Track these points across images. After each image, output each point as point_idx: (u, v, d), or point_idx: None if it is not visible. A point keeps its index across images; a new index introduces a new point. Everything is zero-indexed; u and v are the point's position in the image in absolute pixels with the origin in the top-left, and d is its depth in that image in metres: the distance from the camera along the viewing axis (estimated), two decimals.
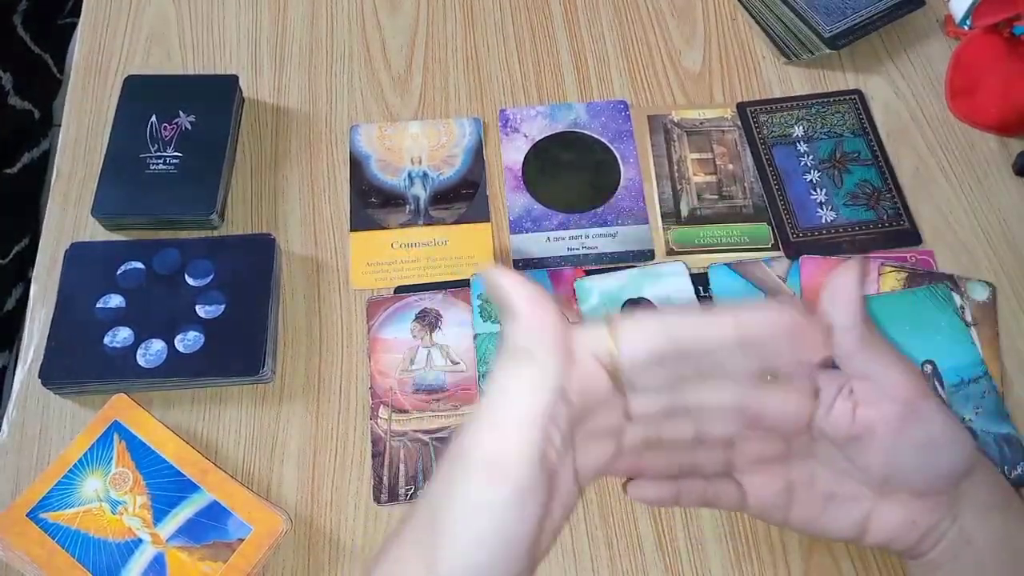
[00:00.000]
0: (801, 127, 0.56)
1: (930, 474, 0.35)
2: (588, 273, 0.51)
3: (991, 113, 0.56)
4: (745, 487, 0.38)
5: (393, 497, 0.44)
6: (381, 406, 0.47)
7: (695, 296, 0.49)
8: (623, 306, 0.49)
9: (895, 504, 0.36)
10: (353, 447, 0.46)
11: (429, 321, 0.49)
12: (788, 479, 0.37)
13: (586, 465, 0.32)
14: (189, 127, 0.53)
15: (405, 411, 0.47)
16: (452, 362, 0.48)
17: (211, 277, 0.48)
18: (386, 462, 0.45)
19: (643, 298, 0.49)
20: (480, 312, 0.49)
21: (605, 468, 0.33)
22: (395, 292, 0.51)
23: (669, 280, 0.50)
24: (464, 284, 0.50)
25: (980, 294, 0.49)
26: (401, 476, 0.45)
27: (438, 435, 0.46)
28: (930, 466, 0.35)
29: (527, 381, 0.28)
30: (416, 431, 0.46)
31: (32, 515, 0.42)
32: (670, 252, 0.52)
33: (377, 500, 0.45)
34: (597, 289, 0.50)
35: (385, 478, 0.45)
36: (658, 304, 0.49)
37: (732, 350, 0.29)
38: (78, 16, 0.62)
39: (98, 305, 0.47)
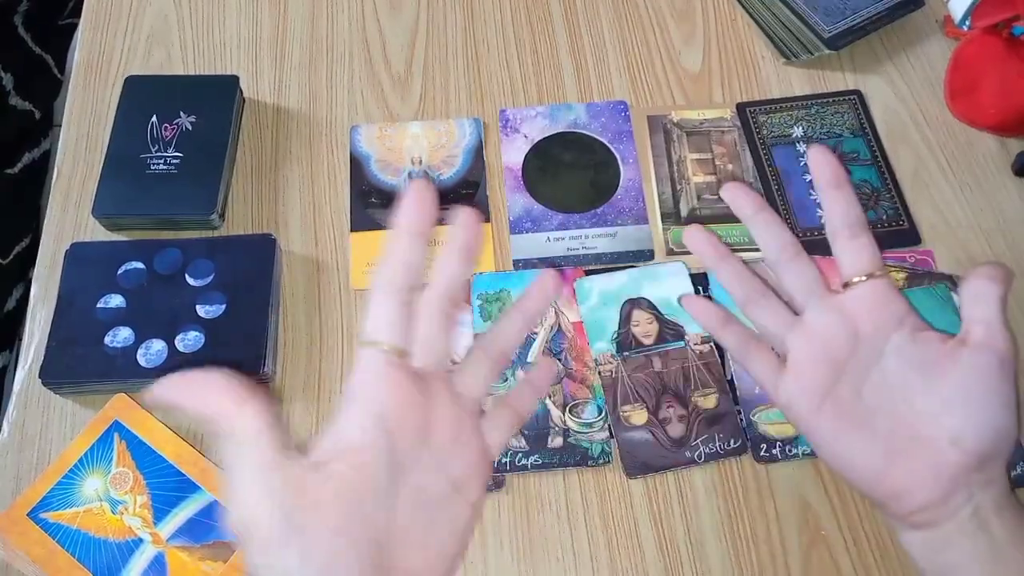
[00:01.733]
0: (800, 127, 0.56)
1: (980, 436, 0.34)
2: (588, 273, 0.51)
3: (990, 113, 0.56)
4: (791, 365, 0.36)
5: None
6: None
7: (695, 295, 0.49)
8: (623, 306, 0.49)
9: (926, 451, 0.34)
10: None
11: None
12: (836, 380, 0.35)
13: (463, 465, 0.33)
14: (190, 127, 0.53)
15: None
16: (452, 362, 0.48)
17: (211, 277, 0.49)
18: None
19: (643, 298, 0.49)
20: (480, 312, 0.49)
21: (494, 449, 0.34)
22: None
23: (669, 280, 0.50)
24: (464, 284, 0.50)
25: None
26: None
27: None
28: (987, 423, 0.34)
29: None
30: None
31: (33, 515, 0.42)
32: (670, 252, 0.52)
33: None
34: (597, 289, 0.50)
35: None
36: (657, 304, 0.49)
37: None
38: (79, 17, 0.62)
39: (99, 305, 0.48)
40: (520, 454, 0.45)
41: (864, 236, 0.37)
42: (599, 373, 0.47)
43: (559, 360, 0.48)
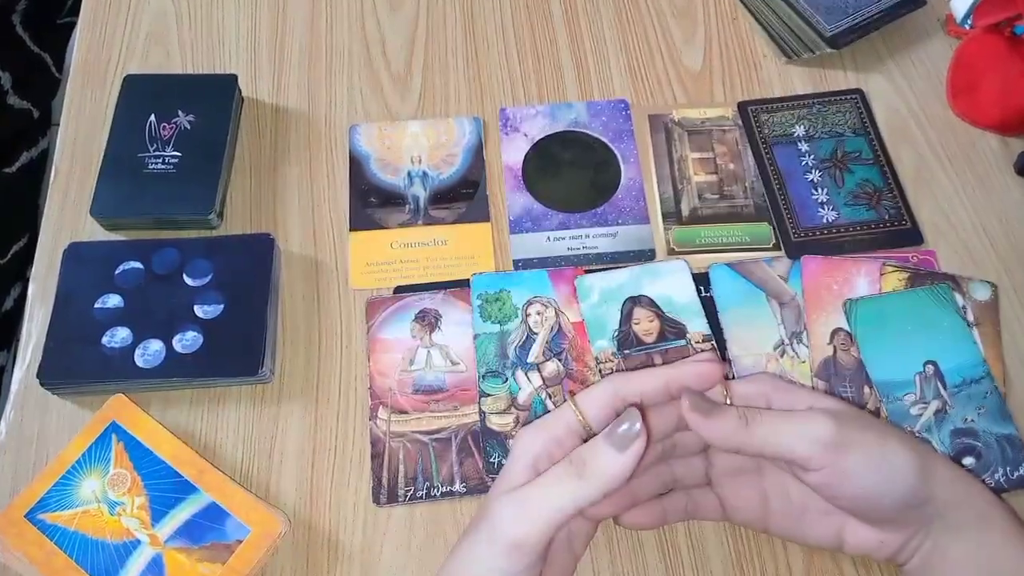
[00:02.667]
0: (802, 126, 0.56)
1: (874, 507, 0.37)
2: (588, 272, 0.51)
3: (992, 112, 0.55)
4: (723, 499, 0.41)
5: (392, 498, 0.44)
6: (380, 407, 0.47)
7: (696, 294, 0.49)
8: (624, 303, 0.49)
9: (861, 523, 0.38)
10: (352, 448, 0.46)
11: (428, 321, 0.49)
12: (762, 490, 0.40)
13: (580, 531, 0.38)
14: (188, 127, 0.53)
15: (404, 412, 0.46)
16: (452, 362, 0.48)
17: (210, 277, 0.48)
18: (385, 463, 0.45)
19: (644, 296, 0.49)
20: (480, 312, 0.49)
21: (597, 521, 0.39)
22: (394, 292, 0.50)
23: (670, 278, 0.50)
24: (464, 284, 0.50)
25: (982, 294, 0.49)
26: (400, 477, 0.45)
27: (437, 436, 0.46)
28: (871, 500, 0.36)
29: (573, 493, 0.33)
30: (415, 432, 0.46)
31: (30, 516, 0.42)
32: (671, 252, 0.52)
33: (376, 501, 0.44)
34: (598, 286, 0.50)
35: (384, 479, 0.45)
36: (659, 302, 0.49)
37: (661, 394, 0.37)
38: (77, 15, 0.61)
39: (96, 305, 0.47)
40: None
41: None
42: (600, 371, 0.47)
43: (559, 361, 0.47)
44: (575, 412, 0.36)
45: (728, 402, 0.38)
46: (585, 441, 0.35)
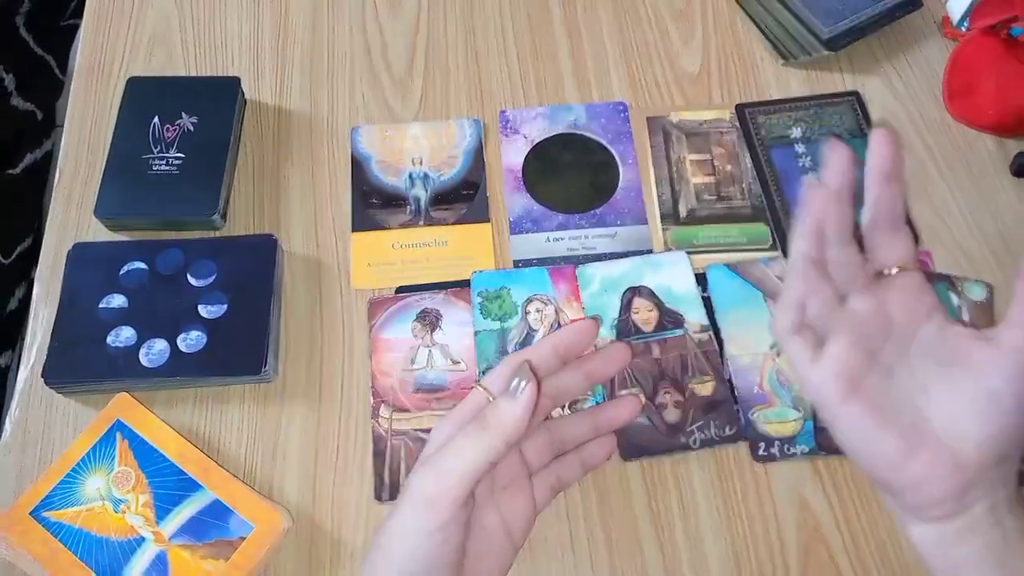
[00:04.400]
0: (799, 128, 0.56)
1: (1003, 436, 0.34)
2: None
3: (988, 114, 0.56)
4: (827, 351, 0.36)
5: (394, 496, 0.45)
6: (382, 405, 0.47)
7: (696, 285, 0.50)
8: (624, 293, 0.49)
9: (947, 445, 0.34)
10: (354, 446, 0.46)
11: (430, 321, 0.49)
12: (867, 367, 0.36)
13: (514, 513, 0.40)
14: (191, 128, 0.54)
15: (406, 410, 0.47)
16: (453, 361, 0.48)
17: (213, 277, 0.49)
18: (387, 461, 0.46)
19: (644, 286, 0.50)
20: (480, 309, 0.49)
21: (538, 506, 0.41)
22: (396, 292, 0.51)
23: (670, 269, 0.50)
24: (465, 284, 0.50)
25: (978, 294, 0.49)
26: (402, 475, 0.45)
27: None
28: (1010, 427, 0.33)
29: (478, 446, 0.35)
30: (417, 430, 0.46)
31: (35, 514, 0.43)
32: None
33: (378, 498, 0.45)
34: (599, 276, 0.50)
35: (386, 477, 0.45)
36: (658, 293, 0.49)
37: (552, 356, 0.40)
38: (80, 17, 0.62)
39: (101, 305, 0.48)
40: None
41: (904, 231, 0.37)
42: None
43: None
44: (484, 393, 0.38)
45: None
46: None
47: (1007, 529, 0.34)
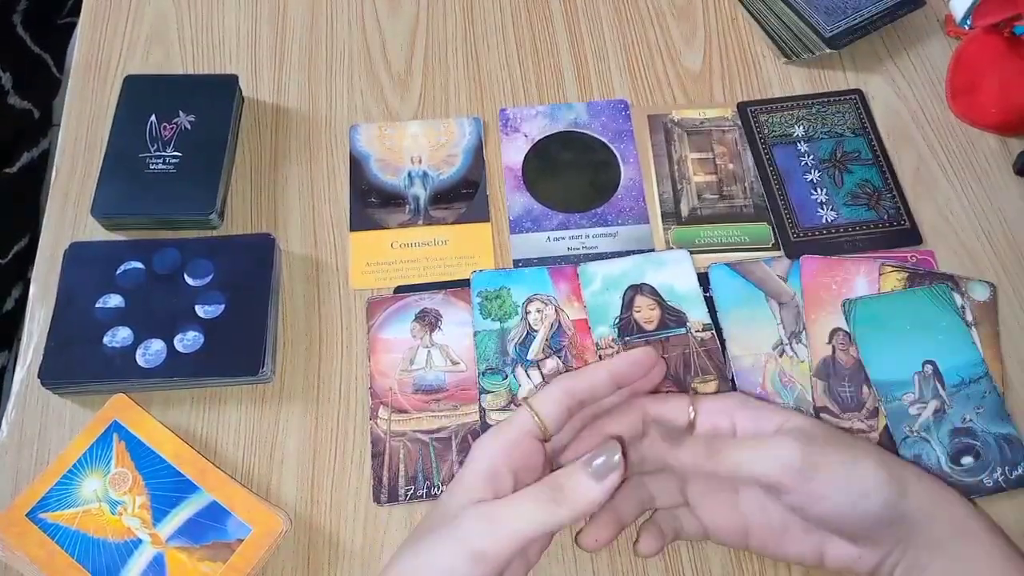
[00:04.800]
0: (801, 127, 0.56)
1: (848, 524, 0.37)
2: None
3: (991, 113, 0.56)
4: (702, 519, 0.41)
5: (393, 497, 0.44)
6: (381, 406, 0.47)
7: (697, 283, 0.49)
8: (625, 291, 0.49)
9: (841, 541, 0.38)
10: (353, 447, 0.46)
11: (429, 321, 0.49)
12: (740, 510, 0.40)
13: (538, 540, 0.38)
14: (189, 127, 0.53)
15: (405, 411, 0.46)
16: (452, 362, 0.48)
17: (211, 277, 0.48)
18: (386, 462, 0.45)
19: (645, 284, 0.49)
20: (480, 309, 0.49)
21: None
22: (395, 292, 0.50)
23: (672, 267, 0.50)
24: (464, 284, 0.50)
25: (981, 294, 0.49)
26: (401, 476, 0.45)
27: (438, 435, 0.46)
28: (844, 518, 0.36)
29: (544, 514, 0.34)
30: (416, 431, 0.46)
31: (31, 515, 0.42)
32: None
33: (377, 500, 0.45)
34: (601, 274, 0.50)
35: (385, 478, 0.45)
36: (661, 291, 0.49)
37: (608, 386, 0.39)
38: (78, 16, 0.61)
39: (97, 305, 0.47)
40: None
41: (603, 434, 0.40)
42: (600, 357, 0.47)
43: (559, 358, 0.47)
44: (532, 415, 0.37)
45: (693, 415, 0.39)
46: (543, 442, 0.37)
47: (931, 574, 0.36)
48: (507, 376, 0.47)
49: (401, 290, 0.50)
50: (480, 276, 0.50)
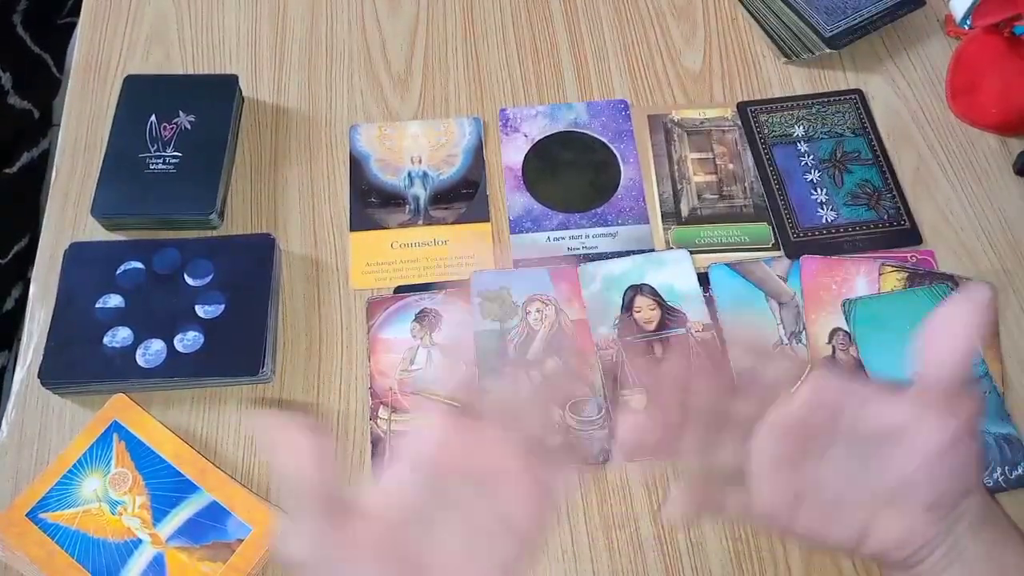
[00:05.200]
0: (801, 127, 0.56)
1: (944, 489, 0.35)
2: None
3: (991, 113, 0.55)
4: (756, 492, 0.38)
5: None
6: (381, 406, 0.47)
7: (697, 283, 0.49)
8: (625, 291, 0.49)
9: (897, 513, 0.36)
10: (353, 447, 0.46)
11: (429, 321, 0.49)
12: (798, 486, 0.37)
13: None
14: (189, 127, 0.53)
15: (405, 411, 0.46)
16: (452, 362, 0.48)
17: (211, 277, 0.48)
18: (386, 461, 0.45)
19: (645, 284, 0.49)
20: (480, 310, 0.49)
21: None
22: (395, 292, 0.50)
23: (672, 267, 0.50)
24: (465, 284, 0.50)
25: None
26: None
27: None
28: (946, 482, 0.35)
29: None
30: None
31: (31, 515, 0.42)
32: None
33: None
34: (600, 274, 0.50)
35: None
36: (661, 291, 0.49)
37: None
38: (78, 16, 0.62)
39: (98, 305, 0.47)
40: None
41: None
42: (600, 357, 0.47)
43: (559, 359, 0.47)
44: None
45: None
46: None
47: (967, 559, 0.35)
48: (507, 376, 0.47)
49: (401, 290, 0.50)
50: (480, 277, 0.50)
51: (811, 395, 0.36)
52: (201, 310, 0.47)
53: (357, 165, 0.55)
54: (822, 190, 0.53)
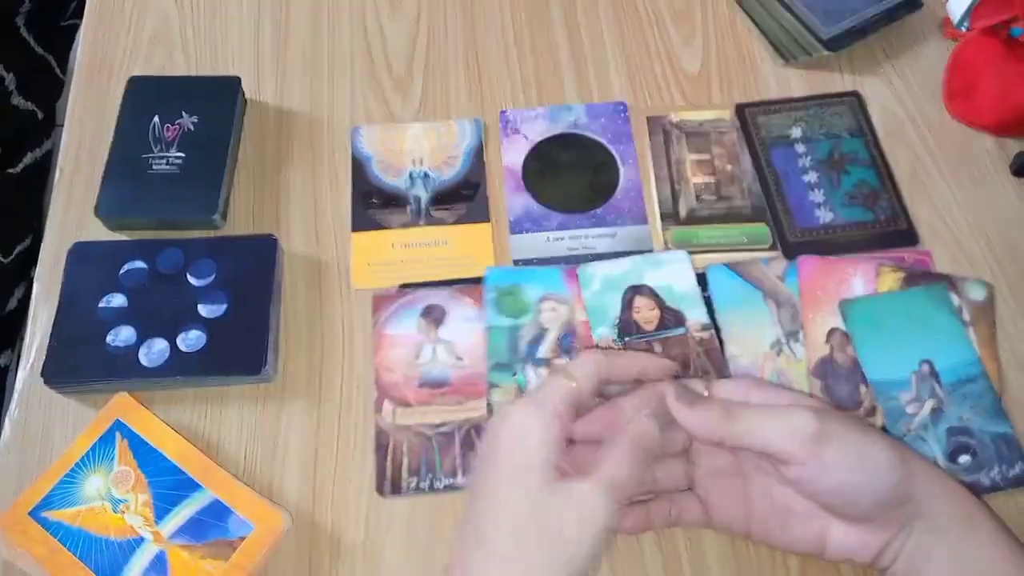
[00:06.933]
0: (799, 128, 0.56)
1: (855, 503, 0.36)
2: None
3: (989, 114, 0.56)
4: (706, 502, 0.41)
5: (396, 489, 0.45)
6: (386, 400, 0.47)
7: (696, 283, 0.50)
8: (625, 292, 0.49)
9: (843, 525, 0.38)
10: (355, 446, 0.46)
11: (435, 317, 0.49)
12: (745, 492, 0.40)
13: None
14: (192, 128, 0.54)
15: (409, 405, 0.47)
16: (457, 358, 0.48)
17: (213, 277, 0.49)
18: (390, 455, 0.46)
19: (645, 284, 0.50)
20: (494, 305, 0.49)
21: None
22: (401, 288, 0.51)
23: (671, 267, 0.50)
24: (470, 281, 0.50)
25: (977, 294, 0.50)
26: (404, 469, 0.45)
27: (441, 429, 0.46)
28: (852, 496, 0.36)
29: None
30: (420, 425, 0.46)
31: (34, 514, 0.43)
32: None
33: (380, 492, 0.45)
34: (600, 275, 0.50)
35: (388, 470, 0.45)
36: (660, 291, 0.49)
37: (632, 377, 0.40)
38: (81, 17, 0.62)
39: (101, 304, 0.48)
40: None
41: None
42: None
43: (568, 358, 0.48)
44: (571, 385, 0.37)
45: (707, 394, 0.39)
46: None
47: (936, 562, 0.36)
48: (516, 372, 0.47)
49: (407, 286, 0.51)
50: (495, 272, 0.50)
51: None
52: (204, 310, 0.48)
53: (359, 166, 0.55)
54: (819, 191, 0.54)
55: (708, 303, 0.50)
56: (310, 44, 0.60)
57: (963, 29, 0.59)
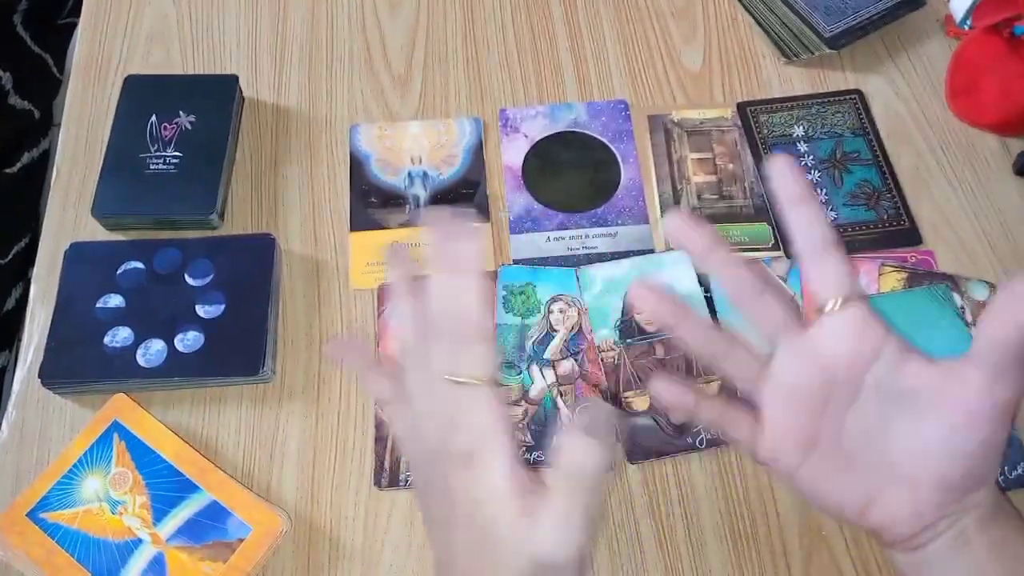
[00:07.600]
0: (801, 127, 0.56)
1: (962, 470, 0.33)
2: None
3: (991, 113, 0.56)
4: (767, 422, 0.34)
5: (394, 482, 0.45)
6: None
7: (698, 284, 0.49)
8: (626, 294, 0.49)
9: (907, 488, 0.34)
10: (353, 447, 0.46)
11: None
12: (819, 420, 0.34)
13: None
14: (189, 127, 0.53)
15: None
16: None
17: (211, 277, 0.48)
18: (388, 447, 0.45)
19: None
20: (503, 303, 0.49)
21: None
22: None
23: (672, 268, 0.50)
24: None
25: (980, 294, 0.49)
26: (403, 461, 0.45)
27: None
28: (967, 461, 0.33)
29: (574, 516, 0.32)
30: None
31: (32, 515, 0.42)
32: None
33: (378, 484, 0.45)
34: (600, 277, 0.50)
35: (387, 462, 0.45)
36: None
37: None
38: (78, 16, 0.62)
39: (98, 305, 0.47)
40: (524, 448, 0.45)
41: (834, 256, 0.33)
42: (602, 359, 0.47)
43: (575, 361, 0.48)
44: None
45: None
46: None
47: (976, 552, 0.33)
48: (521, 371, 0.47)
49: None
50: (507, 270, 0.50)
51: (853, 331, 0.33)
52: (201, 310, 0.47)
53: (357, 165, 0.55)
54: (822, 190, 0.54)
55: (710, 304, 0.49)
56: (308, 42, 0.60)
57: (965, 27, 0.58)
